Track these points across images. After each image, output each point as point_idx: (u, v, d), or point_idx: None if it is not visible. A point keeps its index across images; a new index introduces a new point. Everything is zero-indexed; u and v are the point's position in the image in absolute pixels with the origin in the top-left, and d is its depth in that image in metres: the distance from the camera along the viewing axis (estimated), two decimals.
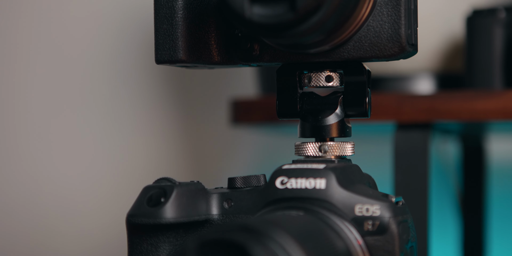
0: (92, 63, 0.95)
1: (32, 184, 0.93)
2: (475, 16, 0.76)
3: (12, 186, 0.92)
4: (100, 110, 0.96)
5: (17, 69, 0.93)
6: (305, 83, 0.52)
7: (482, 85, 0.75)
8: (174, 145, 1.01)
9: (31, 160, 0.93)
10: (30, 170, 0.93)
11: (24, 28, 0.93)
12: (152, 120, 0.99)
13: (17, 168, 0.92)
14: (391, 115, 0.76)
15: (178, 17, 0.50)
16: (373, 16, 0.48)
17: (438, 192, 1.03)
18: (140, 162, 0.99)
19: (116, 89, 0.97)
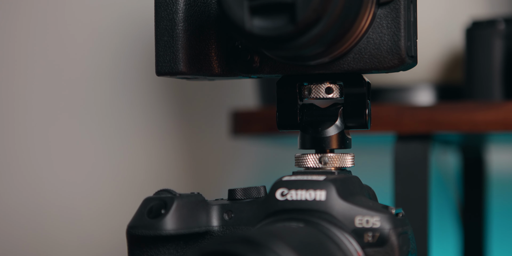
0: (93, 75, 0.96)
1: (32, 194, 0.93)
2: (474, 27, 0.76)
3: (12, 196, 0.92)
4: (100, 121, 0.96)
5: (18, 76, 0.93)
6: (305, 95, 0.52)
7: (482, 97, 0.75)
8: (174, 156, 1.01)
9: (31, 169, 0.93)
10: (30, 179, 0.93)
11: (26, 35, 0.93)
12: (152, 131, 0.99)
13: (17, 178, 0.92)
14: (391, 126, 0.76)
15: (179, 29, 0.50)
16: (372, 28, 0.48)
17: (438, 203, 1.03)
18: (141, 173, 0.99)
19: (117, 100, 0.97)
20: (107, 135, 0.97)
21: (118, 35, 0.97)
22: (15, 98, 0.93)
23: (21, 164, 0.93)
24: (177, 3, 0.50)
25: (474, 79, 0.76)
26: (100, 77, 0.96)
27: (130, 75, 0.97)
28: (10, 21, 0.93)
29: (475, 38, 0.76)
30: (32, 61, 0.94)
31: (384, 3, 0.48)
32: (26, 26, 0.93)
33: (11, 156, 0.92)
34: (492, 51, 0.75)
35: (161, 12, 0.51)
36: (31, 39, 0.94)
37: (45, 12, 0.94)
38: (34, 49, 0.94)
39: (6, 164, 0.92)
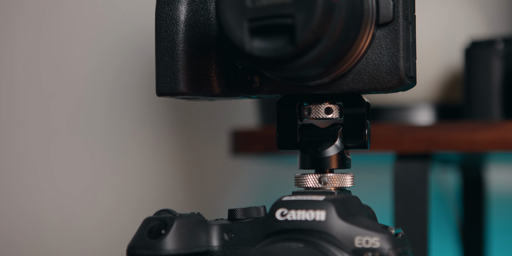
0: (94, 95, 0.96)
1: (31, 212, 0.93)
2: (473, 47, 0.77)
3: (12, 215, 0.92)
4: (101, 140, 0.96)
5: (20, 91, 0.93)
6: (305, 115, 0.52)
7: (481, 116, 0.76)
8: (174, 176, 1.01)
9: (30, 185, 0.93)
10: (29, 196, 0.93)
11: (27, 53, 0.93)
12: (152, 150, 0.99)
13: (17, 193, 0.92)
14: (390, 145, 0.76)
15: (179, 50, 0.51)
16: (372, 49, 0.49)
17: (438, 222, 1.03)
18: (141, 193, 0.99)
19: (118, 119, 0.97)
20: (107, 154, 0.97)
21: (119, 56, 0.97)
22: (16, 113, 0.93)
23: (21, 179, 0.93)
24: (177, 24, 0.51)
25: (473, 98, 0.76)
26: (101, 97, 0.96)
27: (131, 95, 0.98)
28: (11, 38, 0.94)
29: (474, 58, 0.76)
30: (34, 75, 0.94)
31: (383, 24, 0.48)
32: (27, 43, 0.94)
33: (12, 172, 0.93)
34: (491, 71, 0.75)
35: (162, 33, 0.51)
36: (33, 53, 0.94)
37: (47, 29, 0.95)
38: (36, 68, 0.94)
39: (6, 179, 0.92)
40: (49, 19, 0.95)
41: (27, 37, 0.94)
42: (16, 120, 0.93)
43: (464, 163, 0.96)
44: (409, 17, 0.49)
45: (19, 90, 0.93)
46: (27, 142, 0.93)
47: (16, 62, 0.93)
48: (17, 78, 0.93)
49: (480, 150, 0.73)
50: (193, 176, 1.03)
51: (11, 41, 0.94)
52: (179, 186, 1.02)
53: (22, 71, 0.93)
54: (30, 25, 0.94)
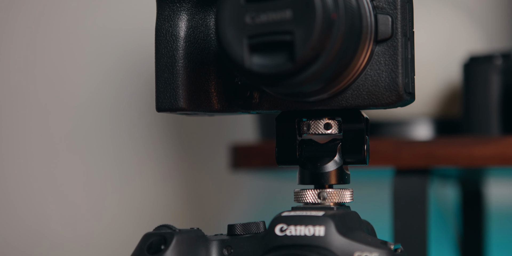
0: (93, 110, 0.96)
1: (32, 229, 0.93)
2: (472, 62, 0.77)
3: (13, 229, 0.92)
4: (101, 155, 0.96)
5: (21, 110, 0.93)
6: (304, 131, 0.52)
7: (480, 131, 0.76)
8: (174, 191, 1.01)
9: (30, 203, 0.93)
10: (29, 214, 0.93)
11: (25, 69, 0.94)
12: (152, 165, 1.00)
13: (17, 211, 0.92)
14: (389, 160, 0.76)
15: (179, 66, 0.51)
16: (370, 65, 0.49)
17: (438, 237, 1.03)
18: (140, 209, 0.99)
19: (117, 135, 0.97)
20: (107, 169, 0.97)
21: (119, 72, 0.97)
22: (15, 128, 0.93)
23: (21, 197, 0.93)
24: (177, 41, 0.51)
25: (472, 113, 0.77)
26: (101, 112, 0.96)
27: (130, 110, 0.98)
28: (9, 54, 0.94)
29: (473, 73, 0.76)
30: (32, 91, 0.94)
31: (381, 41, 0.49)
32: (24, 58, 0.94)
33: (12, 189, 0.93)
34: (489, 86, 0.76)
35: (162, 49, 0.51)
36: (31, 69, 0.94)
37: (45, 44, 0.95)
38: (35, 78, 0.94)
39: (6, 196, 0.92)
40: (47, 34, 0.95)
41: (25, 52, 0.94)
42: (15, 134, 0.93)
43: (463, 178, 0.96)
44: (408, 33, 0.49)
45: (17, 105, 0.94)
46: (27, 156, 0.93)
47: (14, 76, 0.94)
48: (15, 93, 0.94)
49: (479, 165, 0.73)
50: (193, 191, 1.03)
51: (10, 57, 0.94)
52: (178, 201, 1.02)
53: (20, 86, 0.94)
54: (28, 40, 0.94)
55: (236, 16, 0.44)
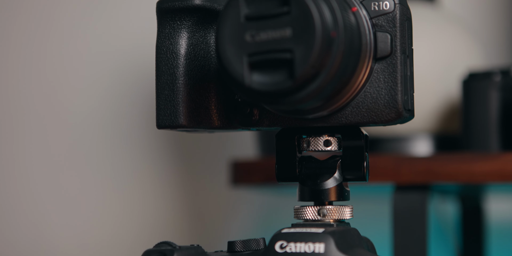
0: (93, 126, 0.96)
1: (31, 244, 0.93)
2: (471, 79, 0.77)
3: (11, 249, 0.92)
4: (100, 171, 0.96)
5: (17, 128, 0.93)
6: (304, 147, 0.52)
7: (479, 148, 0.76)
8: (174, 207, 1.01)
9: (29, 222, 0.93)
10: (28, 230, 0.93)
11: (28, 87, 0.94)
12: (151, 181, 1.00)
13: (17, 228, 0.92)
14: (389, 176, 0.76)
15: (179, 83, 0.51)
16: (370, 82, 0.49)
17: (438, 253, 1.03)
18: (140, 225, 0.99)
19: (117, 151, 0.97)
20: (106, 185, 0.97)
21: (120, 89, 0.98)
22: (15, 145, 0.93)
23: (19, 211, 0.93)
24: (178, 58, 0.51)
25: (471, 130, 0.77)
26: (101, 130, 0.97)
27: (130, 126, 0.98)
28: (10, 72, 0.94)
29: (472, 90, 0.77)
30: (32, 109, 0.94)
31: (381, 58, 0.49)
32: (24, 75, 0.94)
33: (13, 208, 0.93)
34: (488, 103, 0.76)
35: (162, 67, 0.51)
36: (31, 86, 0.94)
37: (45, 61, 0.95)
38: (33, 96, 0.95)
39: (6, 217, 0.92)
40: (47, 51, 0.95)
41: (25, 65, 0.94)
42: (15, 147, 0.93)
43: (463, 193, 0.96)
44: (407, 51, 0.50)
45: (17, 120, 0.94)
46: (27, 173, 0.93)
47: (14, 93, 0.94)
48: (15, 108, 0.94)
49: (479, 182, 0.73)
50: (193, 208, 1.03)
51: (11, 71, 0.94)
52: (178, 217, 1.02)
53: (20, 100, 0.94)
54: (28, 57, 0.95)
55: (236, 34, 0.45)
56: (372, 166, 0.74)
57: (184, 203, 1.02)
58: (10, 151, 0.93)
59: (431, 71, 0.83)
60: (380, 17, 0.49)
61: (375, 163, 0.75)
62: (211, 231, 1.05)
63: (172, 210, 1.01)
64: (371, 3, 0.49)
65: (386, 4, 0.49)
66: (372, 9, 0.49)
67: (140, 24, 0.98)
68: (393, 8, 0.49)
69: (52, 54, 0.96)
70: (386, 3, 0.49)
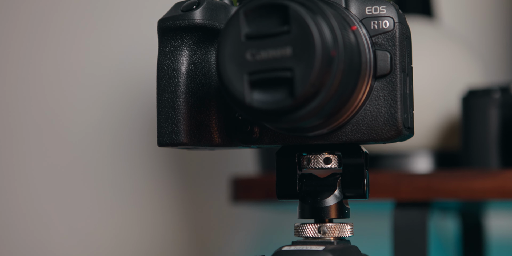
0: (93, 144, 0.96)
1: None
2: (470, 96, 0.78)
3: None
4: (99, 189, 0.97)
5: (17, 144, 0.94)
6: (304, 165, 0.53)
7: (479, 164, 0.76)
8: (174, 223, 1.01)
9: (28, 234, 0.93)
10: (26, 244, 0.93)
11: (30, 110, 0.94)
12: (151, 198, 1.00)
13: (16, 241, 0.92)
14: (389, 193, 0.76)
15: (180, 101, 0.51)
16: (370, 100, 0.49)
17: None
18: (139, 242, 0.99)
19: (117, 169, 0.98)
20: (105, 202, 0.97)
21: (121, 107, 0.98)
22: (16, 162, 0.94)
23: (20, 230, 0.93)
24: (179, 76, 0.51)
25: (471, 147, 0.77)
26: (102, 148, 0.97)
27: (130, 143, 0.98)
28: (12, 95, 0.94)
29: (471, 107, 0.77)
30: (32, 126, 0.95)
31: (380, 76, 0.49)
32: (26, 92, 0.95)
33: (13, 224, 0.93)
34: (488, 120, 0.76)
35: (163, 85, 0.52)
36: (31, 104, 0.95)
37: (48, 78, 0.96)
38: (33, 114, 0.95)
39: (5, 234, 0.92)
40: (49, 69, 0.96)
41: (24, 82, 0.95)
42: (15, 166, 0.94)
43: (463, 210, 0.96)
44: (406, 69, 0.50)
45: (17, 140, 0.94)
46: (27, 185, 0.94)
47: (14, 110, 0.94)
48: (15, 127, 0.94)
49: (479, 199, 0.73)
50: (193, 224, 1.03)
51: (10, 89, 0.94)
52: (178, 233, 1.02)
53: (19, 118, 0.94)
54: (32, 75, 0.95)
55: (237, 53, 0.45)
56: (372, 183, 0.74)
57: (184, 219, 1.02)
58: (11, 168, 0.93)
59: (431, 87, 0.83)
60: (380, 36, 0.49)
61: (375, 180, 0.75)
62: (211, 248, 1.05)
63: (172, 226, 1.01)
64: (371, 21, 0.50)
65: (385, 23, 0.50)
66: (372, 28, 0.50)
67: (142, 42, 0.98)
68: (393, 27, 0.49)
69: (54, 70, 0.96)
70: (386, 22, 0.50)
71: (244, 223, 1.07)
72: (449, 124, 0.83)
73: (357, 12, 0.50)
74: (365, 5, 0.50)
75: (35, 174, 0.94)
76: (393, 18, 0.50)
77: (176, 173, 1.01)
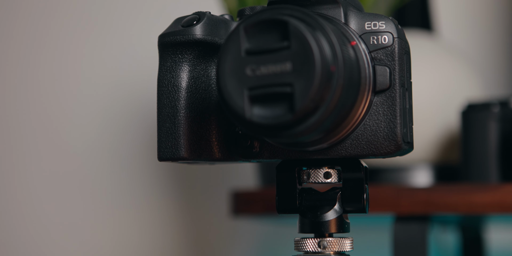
0: (95, 157, 0.96)
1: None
2: (469, 110, 0.78)
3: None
4: (99, 203, 0.97)
5: (18, 159, 0.94)
6: (304, 179, 0.53)
7: (478, 178, 0.76)
8: (174, 237, 1.01)
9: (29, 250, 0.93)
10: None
11: (25, 120, 0.94)
12: (151, 211, 1.00)
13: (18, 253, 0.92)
14: (389, 207, 0.76)
15: (181, 116, 0.51)
16: (369, 115, 0.50)
17: None
18: (140, 255, 0.99)
19: (117, 183, 0.98)
20: (106, 216, 0.97)
21: (121, 122, 0.98)
22: (16, 176, 0.94)
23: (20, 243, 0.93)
24: (179, 91, 0.52)
25: (470, 161, 0.77)
26: (102, 161, 0.97)
27: (130, 157, 0.98)
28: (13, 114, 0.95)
29: (471, 121, 0.77)
30: (32, 143, 0.95)
31: (380, 91, 0.49)
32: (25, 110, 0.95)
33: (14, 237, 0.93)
34: (487, 134, 0.76)
35: (164, 99, 0.52)
36: (32, 121, 0.95)
37: (47, 94, 0.96)
38: (34, 128, 0.95)
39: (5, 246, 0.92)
40: (51, 82, 0.96)
41: (26, 104, 0.95)
42: (17, 183, 0.94)
43: (463, 224, 0.96)
44: (406, 84, 0.50)
45: (18, 154, 0.94)
46: (27, 204, 0.94)
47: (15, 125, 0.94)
48: (15, 142, 0.94)
49: (479, 213, 0.73)
50: (193, 238, 1.03)
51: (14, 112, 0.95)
52: (178, 248, 1.02)
53: (20, 135, 0.94)
54: (30, 91, 0.95)
55: (237, 68, 0.45)
56: (372, 197, 0.74)
57: (184, 233, 1.02)
58: (13, 186, 0.93)
59: (430, 101, 0.83)
60: (379, 51, 0.50)
61: (375, 194, 0.75)
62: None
63: (173, 239, 1.01)
64: (370, 37, 0.50)
65: (385, 38, 0.50)
66: (371, 43, 0.50)
67: (143, 57, 0.98)
68: (392, 42, 0.50)
69: (55, 83, 0.96)
70: (385, 37, 0.50)
71: (244, 237, 1.07)
72: (449, 138, 0.83)
73: (357, 28, 0.50)
74: (364, 20, 0.50)
75: (37, 186, 0.94)
76: (392, 33, 0.50)
77: (177, 186, 1.01)
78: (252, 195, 0.84)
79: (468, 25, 1.12)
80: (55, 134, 0.95)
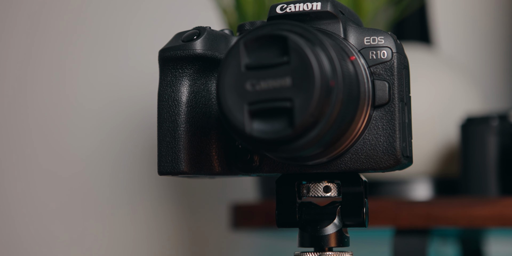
0: (94, 173, 0.97)
1: None
2: (469, 123, 0.78)
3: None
4: (99, 217, 0.97)
5: (18, 171, 0.94)
6: (304, 193, 0.53)
7: (478, 192, 0.76)
8: (174, 250, 1.01)
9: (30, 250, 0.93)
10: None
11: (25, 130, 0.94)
12: (151, 225, 1.00)
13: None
14: (389, 220, 0.77)
15: (181, 130, 0.52)
16: (368, 129, 0.50)
17: None
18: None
19: (117, 197, 0.98)
20: (106, 230, 0.97)
21: (121, 136, 0.98)
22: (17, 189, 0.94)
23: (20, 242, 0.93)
24: (179, 105, 0.52)
25: (469, 174, 0.77)
26: (103, 175, 0.97)
27: (131, 170, 0.98)
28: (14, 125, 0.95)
29: (470, 134, 0.77)
30: (32, 153, 0.95)
31: (379, 106, 0.50)
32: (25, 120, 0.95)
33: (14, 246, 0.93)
34: (486, 147, 0.76)
35: (164, 114, 0.52)
36: (32, 131, 0.95)
37: (47, 104, 0.96)
38: (33, 140, 0.95)
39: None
40: (49, 96, 0.96)
41: (26, 113, 0.95)
42: (16, 196, 0.94)
43: (463, 237, 0.96)
44: (405, 99, 0.50)
45: (18, 166, 0.94)
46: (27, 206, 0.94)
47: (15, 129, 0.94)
48: (16, 154, 0.94)
49: (478, 226, 0.73)
50: (193, 251, 1.03)
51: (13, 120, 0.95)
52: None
53: (20, 145, 0.94)
54: (30, 100, 0.96)
55: (237, 83, 0.45)
56: (372, 210, 0.74)
57: (184, 246, 1.02)
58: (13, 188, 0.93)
59: (429, 115, 0.83)
60: (378, 66, 0.50)
61: (375, 207, 0.76)
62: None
63: (172, 252, 1.01)
64: (369, 52, 0.50)
65: (383, 53, 0.50)
66: (370, 58, 0.50)
67: (144, 71, 0.99)
68: (391, 57, 0.50)
69: (54, 97, 0.96)
70: (384, 52, 0.50)
71: (244, 250, 1.07)
72: (448, 151, 0.83)
73: (356, 43, 0.50)
74: (364, 35, 0.50)
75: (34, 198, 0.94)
76: (391, 48, 0.50)
77: (177, 200, 1.01)
78: (252, 208, 0.85)
79: (467, 38, 1.12)
80: (56, 140, 0.96)
